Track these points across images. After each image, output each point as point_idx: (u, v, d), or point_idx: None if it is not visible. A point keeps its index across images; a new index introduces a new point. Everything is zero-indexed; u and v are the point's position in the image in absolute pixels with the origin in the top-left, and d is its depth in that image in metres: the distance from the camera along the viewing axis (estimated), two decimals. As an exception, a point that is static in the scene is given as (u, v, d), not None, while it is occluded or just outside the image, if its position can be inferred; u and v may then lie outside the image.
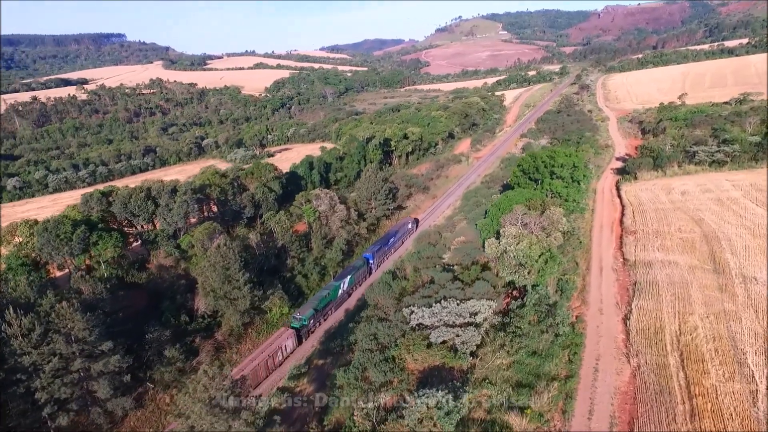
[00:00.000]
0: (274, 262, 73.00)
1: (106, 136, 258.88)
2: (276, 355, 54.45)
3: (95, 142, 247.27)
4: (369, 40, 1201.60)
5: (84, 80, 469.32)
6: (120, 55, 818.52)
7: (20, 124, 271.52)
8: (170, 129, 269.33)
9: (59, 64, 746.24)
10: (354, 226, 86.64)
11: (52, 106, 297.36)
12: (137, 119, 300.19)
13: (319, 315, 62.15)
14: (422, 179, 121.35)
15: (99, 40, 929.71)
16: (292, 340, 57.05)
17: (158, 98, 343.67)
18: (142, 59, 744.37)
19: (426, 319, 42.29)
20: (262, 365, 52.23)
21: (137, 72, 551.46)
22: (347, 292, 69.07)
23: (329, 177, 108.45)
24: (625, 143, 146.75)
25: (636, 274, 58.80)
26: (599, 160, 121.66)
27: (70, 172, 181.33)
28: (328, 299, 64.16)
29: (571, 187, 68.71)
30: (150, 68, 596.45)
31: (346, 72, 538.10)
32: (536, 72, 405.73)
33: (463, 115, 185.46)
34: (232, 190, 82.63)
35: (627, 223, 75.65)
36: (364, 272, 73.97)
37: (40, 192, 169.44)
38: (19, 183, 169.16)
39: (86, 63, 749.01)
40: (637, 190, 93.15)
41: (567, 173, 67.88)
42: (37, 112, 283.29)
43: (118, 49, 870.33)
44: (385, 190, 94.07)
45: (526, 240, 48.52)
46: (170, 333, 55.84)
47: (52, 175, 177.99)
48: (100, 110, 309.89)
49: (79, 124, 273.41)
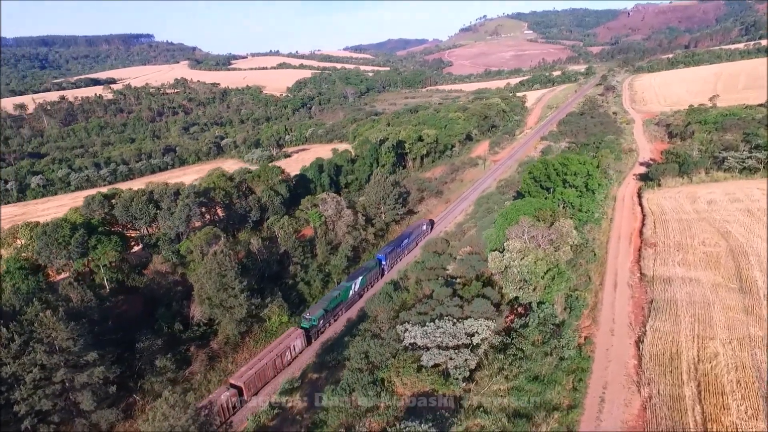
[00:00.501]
0: (276, 269, 71.23)
1: (129, 135, 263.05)
2: (284, 355, 54.27)
3: (118, 141, 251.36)
4: (392, 40, 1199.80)
5: (112, 80, 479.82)
6: (148, 55, 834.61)
7: (48, 122, 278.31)
8: (191, 128, 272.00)
9: (90, 64, 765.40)
10: (361, 231, 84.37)
11: (78, 106, 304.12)
12: (160, 118, 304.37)
13: (329, 315, 61.87)
14: (436, 183, 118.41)
15: (128, 40, 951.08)
16: (301, 340, 56.87)
17: (181, 98, 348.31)
18: (169, 59, 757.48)
19: (419, 339, 39.60)
20: (270, 365, 52.02)
21: (163, 72, 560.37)
22: (358, 293, 68.44)
23: (339, 180, 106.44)
24: (650, 147, 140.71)
25: (653, 291, 54.84)
26: (621, 166, 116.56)
27: (92, 171, 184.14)
28: (338, 300, 63.88)
29: (585, 196, 64.85)
30: (176, 68, 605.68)
31: (368, 72, 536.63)
32: (561, 72, 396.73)
33: (482, 117, 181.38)
34: (237, 194, 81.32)
35: (647, 234, 71.32)
36: (376, 273, 73.29)
37: (62, 190, 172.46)
38: (42, 181, 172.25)
39: (116, 63, 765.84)
40: (660, 198, 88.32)
41: (580, 182, 64.03)
42: (64, 111, 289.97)
43: (146, 50, 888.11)
44: (394, 195, 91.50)
45: (531, 255, 45.35)
46: (163, 341, 54.48)
47: (75, 173, 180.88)
48: (125, 109, 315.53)
49: (104, 123, 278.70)
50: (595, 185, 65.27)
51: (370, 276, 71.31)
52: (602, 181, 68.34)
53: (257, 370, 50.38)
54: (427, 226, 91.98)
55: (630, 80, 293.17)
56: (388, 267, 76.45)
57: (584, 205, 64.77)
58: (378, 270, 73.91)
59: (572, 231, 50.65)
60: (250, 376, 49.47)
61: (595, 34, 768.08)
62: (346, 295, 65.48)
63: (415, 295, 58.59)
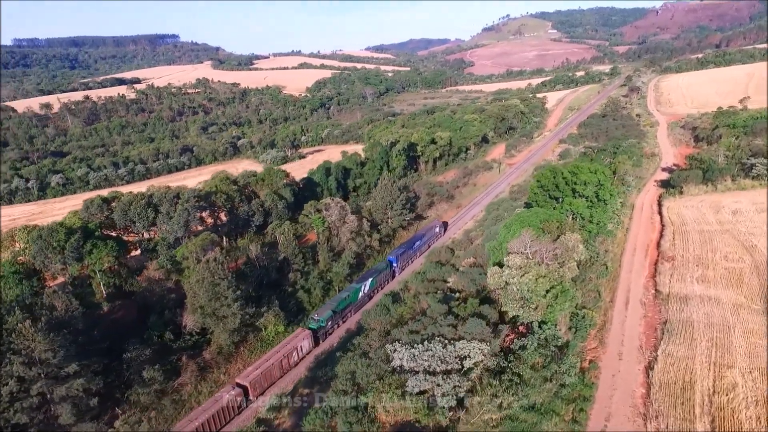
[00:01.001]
0: (276, 276, 69.44)
1: (149, 135, 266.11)
2: (291, 356, 54.29)
3: (138, 141, 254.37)
4: (414, 39, 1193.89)
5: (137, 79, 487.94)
6: (173, 55, 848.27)
7: (72, 122, 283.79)
8: (210, 128, 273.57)
9: (118, 64, 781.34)
10: (365, 237, 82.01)
11: (102, 105, 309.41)
12: (180, 118, 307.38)
13: (337, 317, 61.80)
14: (447, 187, 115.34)
15: (154, 40, 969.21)
16: (309, 341, 56.80)
17: (201, 98, 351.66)
18: (193, 59, 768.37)
19: (406, 362, 37.02)
20: (276, 365, 52.18)
21: (187, 72, 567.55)
22: (368, 295, 68.18)
23: (348, 184, 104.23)
24: (674, 152, 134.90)
25: (668, 310, 51.07)
26: (642, 171, 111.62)
27: (110, 170, 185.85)
28: (347, 301, 63.83)
29: (597, 206, 61.09)
30: (199, 68, 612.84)
31: (388, 72, 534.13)
32: (584, 72, 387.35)
33: (499, 119, 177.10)
34: (239, 198, 79.89)
35: (665, 246, 67.17)
36: (386, 275, 72.95)
37: (81, 189, 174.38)
38: (62, 180, 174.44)
39: (142, 63, 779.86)
40: (681, 206, 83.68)
41: (591, 191, 60.31)
42: (87, 111, 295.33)
43: (171, 50, 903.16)
44: (401, 200, 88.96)
45: (532, 272, 42.26)
46: (153, 351, 53.07)
47: (93, 172, 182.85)
48: (146, 109, 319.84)
49: (125, 123, 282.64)
50: (607, 195, 61.41)
51: (381, 278, 71.11)
52: (614, 191, 64.04)
53: (263, 371, 50.55)
54: (440, 228, 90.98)
55: (656, 81, 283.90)
56: (400, 269, 75.96)
57: (595, 217, 61.05)
58: (389, 272, 73.62)
59: (579, 246, 47.31)
60: (256, 376, 49.71)
61: (622, 33, 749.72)
62: (355, 297, 65.35)
63: (412, 308, 55.98)
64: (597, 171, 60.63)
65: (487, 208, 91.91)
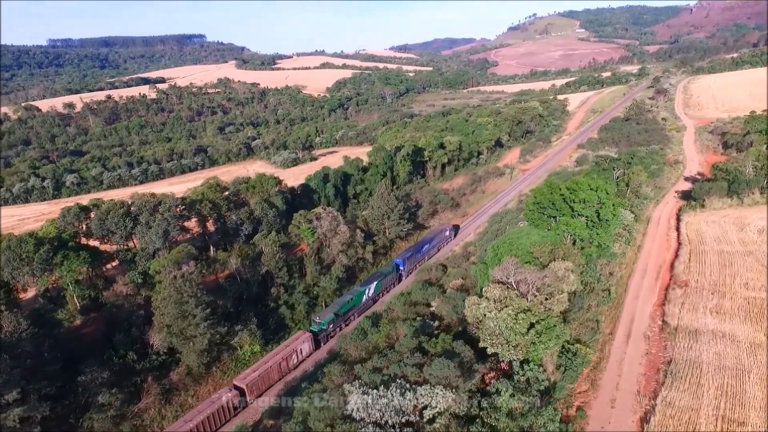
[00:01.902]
0: (257, 290, 65.86)
1: (166, 135, 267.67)
2: (291, 358, 54.11)
3: (155, 140, 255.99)
4: (439, 39, 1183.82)
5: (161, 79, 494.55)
6: (199, 55, 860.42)
7: (93, 121, 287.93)
8: (227, 128, 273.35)
9: (146, 64, 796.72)
10: (358, 249, 77.81)
11: (123, 105, 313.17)
12: (199, 118, 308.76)
13: (339, 320, 61.42)
14: (453, 194, 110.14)
15: (182, 40, 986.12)
16: (309, 344, 56.61)
17: (221, 98, 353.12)
18: (218, 59, 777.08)
19: (357, 411, 32.51)
20: (275, 368, 52.15)
21: (211, 71, 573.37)
22: (372, 299, 67.80)
23: (347, 191, 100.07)
24: (699, 159, 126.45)
25: (675, 347, 45.27)
26: (662, 181, 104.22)
27: (124, 170, 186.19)
28: (350, 305, 63.40)
29: (598, 227, 55.19)
30: (223, 68, 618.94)
31: (409, 72, 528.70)
32: (611, 73, 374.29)
33: (515, 122, 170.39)
34: (227, 206, 76.59)
35: (678, 269, 60.87)
36: (392, 279, 72.25)
37: (95, 188, 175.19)
38: (76, 179, 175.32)
39: (169, 62, 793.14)
40: (702, 222, 76.73)
41: (591, 211, 54.45)
42: (108, 110, 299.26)
43: (198, 50, 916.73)
44: (399, 210, 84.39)
45: (512, 305, 37.30)
46: (112, 373, 50.01)
47: (108, 172, 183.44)
48: (166, 109, 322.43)
49: (144, 122, 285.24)
50: (609, 215, 55.39)
51: (386, 281, 70.46)
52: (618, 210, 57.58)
53: (261, 373, 50.49)
54: (450, 231, 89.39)
55: (686, 82, 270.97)
56: (406, 272, 74.93)
57: (596, 238, 55.25)
58: (395, 275, 72.86)
59: (569, 275, 41.95)
60: (253, 379, 49.75)
61: (653, 32, 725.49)
62: (359, 300, 64.80)
63: (387, 336, 51.40)
64: (598, 188, 54.68)
65: (491, 220, 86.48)
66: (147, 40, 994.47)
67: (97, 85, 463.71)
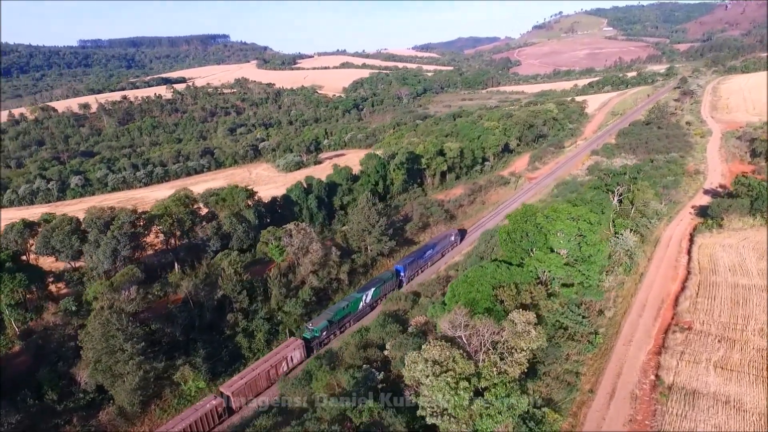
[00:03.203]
0: (212, 316, 60.32)
1: (177, 136, 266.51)
2: (280, 366, 53.35)
3: (165, 141, 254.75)
4: (463, 38, 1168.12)
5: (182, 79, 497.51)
6: (223, 55, 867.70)
7: (107, 122, 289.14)
8: (239, 129, 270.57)
9: (170, 64, 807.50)
10: (332, 269, 71.63)
11: (138, 105, 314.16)
12: (212, 119, 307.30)
13: (334, 327, 60.44)
14: (449, 205, 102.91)
15: (206, 40, 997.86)
16: (300, 351, 55.74)
17: (235, 98, 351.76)
18: (241, 59, 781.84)
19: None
20: (263, 375, 51.68)
21: (231, 71, 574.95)
22: (370, 305, 66.53)
23: (334, 202, 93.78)
24: (723, 169, 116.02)
25: (666, 414, 37.61)
26: (678, 194, 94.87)
27: (129, 172, 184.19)
28: (346, 311, 62.21)
29: (582, 263, 46.94)
30: (244, 67, 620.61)
31: (428, 72, 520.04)
32: (637, 73, 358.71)
33: (526, 126, 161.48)
34: (191, 220, 71.30)
35: (683, 305, 52.73)
36: (392, 285, 70.60)
37: (100, 191, 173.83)
38: (81, 181, 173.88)
39: (193, 62, 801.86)
40: (717, 246, 67.89)
41: (573, 245, 46.33)
42: (122, 111, 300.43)
43: (221, 50, 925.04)
44: (381, 225, 77.79)
45: (454, 369, 30.46)
46: (27, 415, 45.01)
47: (112, 174, 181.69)
48: (180, 109, 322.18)
49: (156, 123, 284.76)
50: (593, 250, 46.94)
51: (385, 287, 68.91)
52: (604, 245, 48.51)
53: (248, 380, 50.25)
54: (456, 236, 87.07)
55: (716, 83, 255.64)
56: (407, 279, 73.12)
57: (577, 277, 47.14)
58: (394, 282, 71.26)
59: (530, 330, 34.59)
60: (239, 386, 49.42)
61: (685, 30, 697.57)
62: (355, 307, 63.61)
63: (327, 385, 44.80)
64: (580, 218, 46.40)
65: (481, 238, 78.97)
66: (173, 40, 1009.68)
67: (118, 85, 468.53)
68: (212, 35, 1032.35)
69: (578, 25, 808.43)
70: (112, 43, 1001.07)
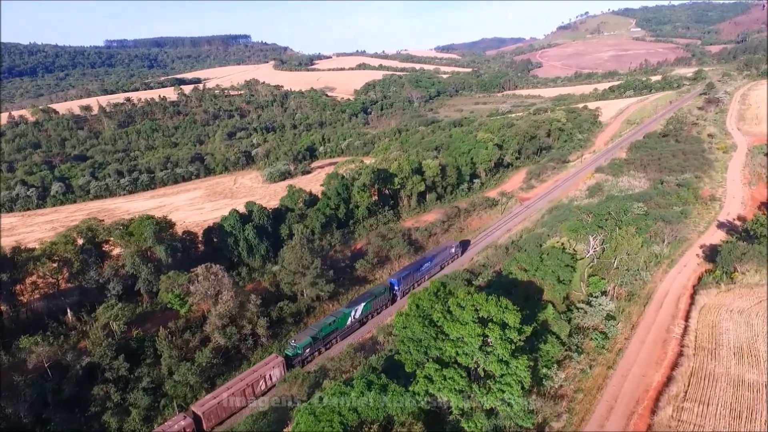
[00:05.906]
0: (74, 391, 48.93)
1: (174, 140, 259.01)
2: (258, 384, 50.74)
3: (161, 146, 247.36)
4: (486, 39, 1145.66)
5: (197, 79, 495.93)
6: (243, 56, 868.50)
7: (107, 124, 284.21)
8: (238, 134, 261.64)
9: (191, 64, 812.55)
10: (247, 324, 59.75)
11: (140, 108, 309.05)
12: (214, 122, 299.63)
13: (318, 343, 58.28)
14: (419, 234, 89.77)
15: (227, 41, 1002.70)
16: (280, 369, 52.90)
17: (241, 100, 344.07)
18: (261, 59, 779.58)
19: None
20: (238, 393, 48.93)
21: (248, 72, 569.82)
22: (359, 321, 63.95)
23: (281, 231, 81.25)
24: (745, 195, 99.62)
25: None
26: (685, 228, 79.56)
27: (112, 180, 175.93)
28: (332, 327, 59.96)
29: (497, 382, 31.51)
30: (261, 68, 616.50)
31: (445, 74, 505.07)
32: (662, 77, 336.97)
33: (527, 137, 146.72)
34: (79, 263, 60.13)
35: (665, 412, 38.83)
36: (385, 299, 68.04)
37: (81, 198, 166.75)
38: (62, 188, 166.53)
39: (214, 63, 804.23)
40: (723, 311, 53.37)
41: (479, 356, 31.26)
42: (124, 113, 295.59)
43: (242, 50, 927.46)
44: (315, 267, 65.42)
45: None
46: None
47: (96, 181, 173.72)
48: (182, 112, 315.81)
49: (156, 126, 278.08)
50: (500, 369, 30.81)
51: (377, 302, 66.28)
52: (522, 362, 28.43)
53: (222, 400, 47.66)
54: (456, 248, 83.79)
55: (746, 89, 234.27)
56: (401, 293, 69.67)
57: (486, 402, 31.50)
58: (387, 296, 68.55)
59: None
60: (211, 406, 46.91)
61: (718, 30, 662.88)
62: (342, 323, 61.35)
63: None
64: (497, 312, 31.41)
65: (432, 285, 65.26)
66: (195, 40, 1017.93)
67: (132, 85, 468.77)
68: (233, 36, 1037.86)
69: (604, 26, 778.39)
70: (137, 43, 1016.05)
